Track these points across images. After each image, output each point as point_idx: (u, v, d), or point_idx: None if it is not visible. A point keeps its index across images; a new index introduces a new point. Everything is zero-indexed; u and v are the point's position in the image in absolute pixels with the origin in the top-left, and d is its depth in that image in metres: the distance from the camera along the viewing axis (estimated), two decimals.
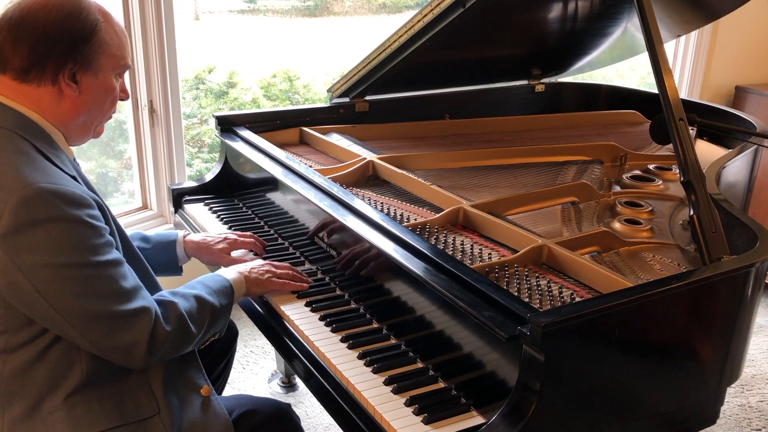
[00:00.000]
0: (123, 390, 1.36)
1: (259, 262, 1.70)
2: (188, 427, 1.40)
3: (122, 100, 1.43)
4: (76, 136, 1.38)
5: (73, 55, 1.28)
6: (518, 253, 1.55)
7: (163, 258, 1.77)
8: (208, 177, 2.32)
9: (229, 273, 1.58)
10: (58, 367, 1.31)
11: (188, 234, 1.85)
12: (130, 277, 1.31)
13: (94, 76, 1.32)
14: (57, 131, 1.34)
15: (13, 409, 1.31)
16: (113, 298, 1.25)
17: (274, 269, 1.67)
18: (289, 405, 1.58)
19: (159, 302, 1.35)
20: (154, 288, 1.48)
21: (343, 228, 1.67)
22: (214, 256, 1.81)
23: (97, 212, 1.28)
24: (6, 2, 1.29)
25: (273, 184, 2.02)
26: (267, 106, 4.61)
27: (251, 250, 1.88)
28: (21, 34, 1.25)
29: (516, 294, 1.39)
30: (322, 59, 5.35)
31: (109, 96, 1.37)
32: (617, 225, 1.77)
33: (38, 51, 1.25)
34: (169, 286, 1.50)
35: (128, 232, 1.77)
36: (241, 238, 1.86)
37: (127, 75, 2.96)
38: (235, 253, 1.84)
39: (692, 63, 4.16)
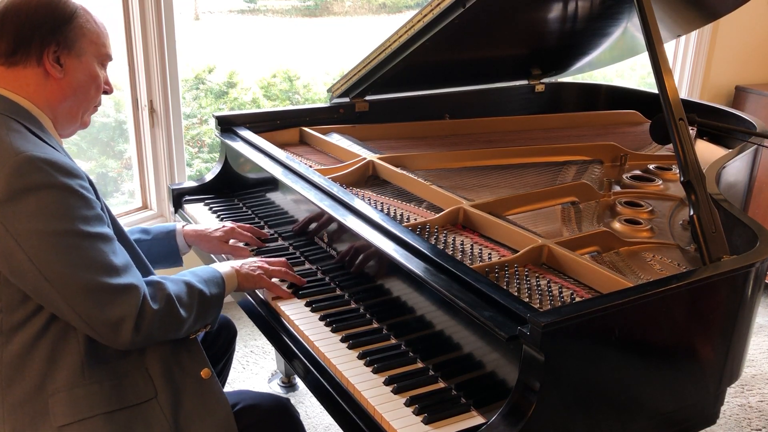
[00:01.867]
0: (121, 373, 1.37)
1: (253, 258, 1.71)
2: (187, 411, 1.40)
3: (106, 93, 1.47)
4: (63, 122, 1.42)
5: (56, 36, 1.34)
6: (518, 253, 1.55)
7: (164, 248, 1.82)
8: (208, 177, 2.32)
9: (222, 266, 1.59)
10: (55, 349, 1.32)
11: (186, 224, 1.90)
12: (120, 254, 1.32)
13: (77, 59, 1.37)
14: (45, 117, 1.38)
15: (13, 393, 1.31)
16: (103, 271, 1.26)
17: (266, 266, 1.68)
18: (288, 400, 1.59)
19: (147, 282, 1.36)
20: (146, 272, 1.48)
21: (343, 228, 1.67)
22: (212, 243, 1.87)
23: (87, 185, 1.31)
24: None
25: (273, 184, 2.02)
26: (267, 106, 4.61)
27: (247, 243, 1.92)
28: (5, 23, 1.32)
29: (516, 294, 1.39)
30: (322, 59, 5.36)
31: (93, 83, 1.41)
32: (617, 225, 1.77)
33: (22, 34, 1.32)
34: None
35: (127, 228, 1.79)
36: (239, 229, 1.91)
37: (126, 75, 2.98)
38: (232, 242, 1.89)
39: (692, 63, 4.16)
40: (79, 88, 1.39)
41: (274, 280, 1.68)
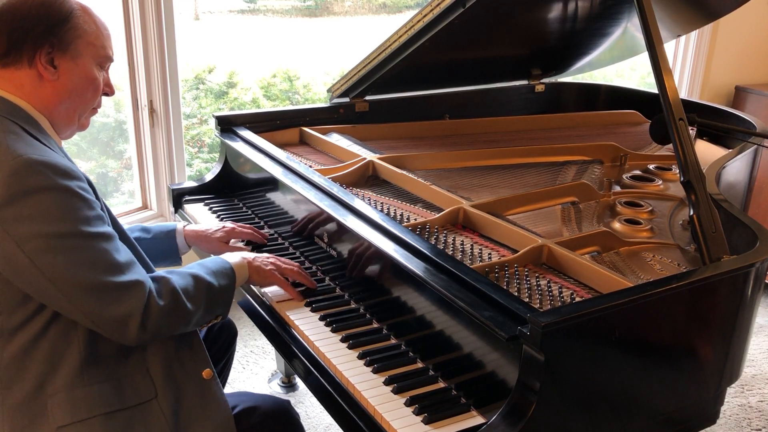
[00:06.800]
0: (121, 374, 1.37)
1: (266, 254, 1.71)
2: (187, 412, 1.40)
3: (107, 95, 1.46)
4: (61, 124, 1.41)
5: (49, 38, 1.32)
6: (518, 253, 1.55)
7: (163, 247, 1.81)
8: (208, 177, 2.32)
9: (232, 257, 1.59)
10: (55, 350, 1.32)
11: (187, 224, 1.89)
12: (123, 252, 1.32)
13: (72, 61, 1.35)
14: (43, 117, 1.37)
15: (13, 394, 1.32)
16: (107, 270, 1.27)
17: (279, 264, 1.68)
18: (288, 402, 1.59)
19: (152, 278, 1.36)
20: (148, 269, 1.48)
21: (343, 228, 1.67)
22: (212, 244, 1.87)
23: (86, 186, 1.31)
24: None
25: (273, 184, 2.02)
26: (267, 106, 4.61)
27: (248, 240, 1.92)
28: (0, 24, 1.30)
29: (516, 294, 1.39)
30: (322, 59, 5.35)
31: (90, 85, 1.39)
32: (617, 225, 1.77)
33: (16, 36, 1.30)
34: None
35: (126, 226, 1.79)
36: (239, 228, 1.91)
37: (126, 75, 2.98)
38: (232, 242, 1.89)
39: (692, 63, 4.16)
40: (74, 91, 1.37)
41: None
